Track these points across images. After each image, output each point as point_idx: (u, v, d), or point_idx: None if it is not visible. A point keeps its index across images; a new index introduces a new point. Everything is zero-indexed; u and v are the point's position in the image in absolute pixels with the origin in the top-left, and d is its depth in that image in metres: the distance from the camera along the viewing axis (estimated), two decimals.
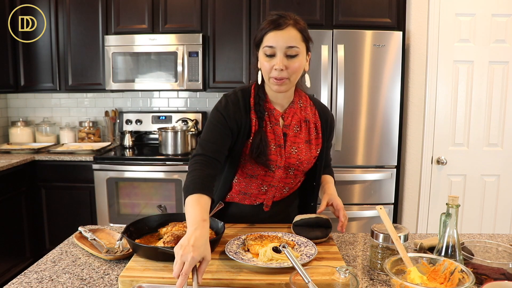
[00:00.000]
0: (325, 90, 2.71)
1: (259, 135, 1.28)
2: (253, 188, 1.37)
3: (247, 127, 1.29)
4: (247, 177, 1.35)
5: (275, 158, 1.30)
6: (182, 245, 0.93)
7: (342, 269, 0.90)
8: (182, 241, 0.95)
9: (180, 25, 3.03)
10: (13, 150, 3.07)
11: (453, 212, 1.01)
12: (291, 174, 1.36)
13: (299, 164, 1.34)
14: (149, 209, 2.89)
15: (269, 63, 1.22)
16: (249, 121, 1.30)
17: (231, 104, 1.29)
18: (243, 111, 1.29)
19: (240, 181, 1.37)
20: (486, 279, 0.98)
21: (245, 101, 1.31)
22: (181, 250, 0.91)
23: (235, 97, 1.31)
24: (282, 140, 1.31)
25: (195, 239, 0.94)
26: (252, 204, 1.41)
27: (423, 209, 2.89)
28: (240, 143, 1.29)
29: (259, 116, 1.30)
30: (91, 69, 3.12)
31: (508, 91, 2.76)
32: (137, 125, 3.39)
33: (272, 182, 1.35)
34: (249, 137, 1.29)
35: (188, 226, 1.01)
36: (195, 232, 0.97)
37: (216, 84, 3.08)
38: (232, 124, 1.27)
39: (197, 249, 0.92)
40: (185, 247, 0.92)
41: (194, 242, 0.93)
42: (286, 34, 1.19)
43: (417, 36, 2.78)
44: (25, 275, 1.07)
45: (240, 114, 1.28)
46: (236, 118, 1.28)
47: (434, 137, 2.83)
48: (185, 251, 0.91)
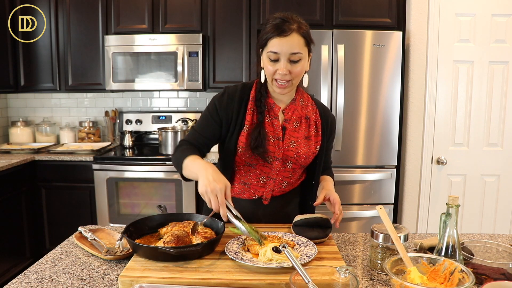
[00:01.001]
0: (325, 90, 2.71)
1: (257, 128, 1.33)
2: (252, 178, 1.40)
3: (240, 118, 1.35)
4: (246, 165, 1.39)
5: (273, 150, 1.34)
6: (205, 184, 1.09)
7: (342, 269, 0.90)
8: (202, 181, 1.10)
9: (180, 25, 3.04)
10: (13, 150, 3.07)
11: (453, 212, 1.01)
12: (289, 168, 1.38)
13: (297, 158, 1.36)
14: (149, 209, 2.89)
15: (273, 67, 1.27)
16: (244, 111, 1.35)
17: (227, 95, 1.37)
18: (238, 102, 1.36)
19: (239, 168, 1.41)
20: (486, 279, 0.98)
21: (243, 93, 1.37)
22: (208, 187, 1.07)
23: (233, 88, 1.38)
24: (280, 133, 1.36)
25: (212, 174, 1.11)
26: (251, 198, 1.42)
27: (423, 209, 2.89)
28: (235, 132, 1.35)
29: (258, 110, 1.35)
30: (91, 69, 3.12)
31: (508, 91, 2.76)
32: (137, 125, 3.39)
33: (270, 174, 1.38)
34: (243, 126, 1.35)
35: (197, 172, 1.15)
36: (207, 170, 1.12)
37: (216, 84, 3.08)
38: (222, 114, 1.36)
39: (219, 180, 1.10)
40: (209, 184, 1.08)
41: (213, 177, 1.10)
42: (290, 41, 1.24)
43: (417, 36, 2.78)
44: (25, 275, 1.07)
45: (233, 105, 1.35)
46: (228, 108, 1.35)
47: (434, 137, 2.83)
48: (211, 187, 1.07)
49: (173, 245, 1.08)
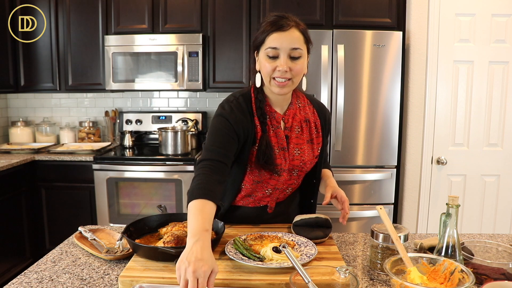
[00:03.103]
0: (325, 90, 2.71)
1: (264, 140, 1.26)
2: (258, 191, 1.37)
3: (252, 133, 1.26)
4: (254, 183, 1.34)
5: (280, 162, 1.29)
6: (189, 261, 0.87)
7: (342, 269, 0.90)
8: (187, 256, 0.89)
9: (180, 25, 3.03)
10: (13, 150, 3.07)
11: (453, 212, 1.01)
12: (295, 176, 1.36)
13: (303, 166, 1.33)
14: (149, 209, 2.89)
15: (272, 65, 1.20)
16: (254, 127, 1.27)
17: (236, 110, 1.25)
18: (248, 117, 1.26)
19: (247, 187, 1.36)
20: (486, 279, 0.98)
21: (247, 107, 1.28)
22: (191, 265, 0.86)
23: (237, 102, 1.27)
24: (285, 143, 1.30)
25: (201, 252, 0.90)
26: (256, 206, 1.41)
27: (423, 209, 2.89)
28: (247, 150, 1.27)
29: (261, 120, 1.28)
30: (91, 69, 3.12)
31: (508, 91, 2.76)
32: (137, 125, 3.39)
33: (277, 185, 1.34)
34: (255, 143, 1.27)
35: (188, 236, 0.95)
36: (197, 244, 0.92)
37: (216, 84, 3.08)
38: (239, 130, 1.23)
39: (207, 262, 0.88)
40: (194, 262, 0.86)
41: (201, 256, 0.89)
42: (290, 35, 1.18)
43: (417, 36, 2.78)
44: (25, 275, 1.07)
45: (246, 120, 1.25)
46: (243, 125, 1.24)
47: (434, 137, 2.83)
48: (196, 267, 0.86)
49: (173, 245, 1.09)
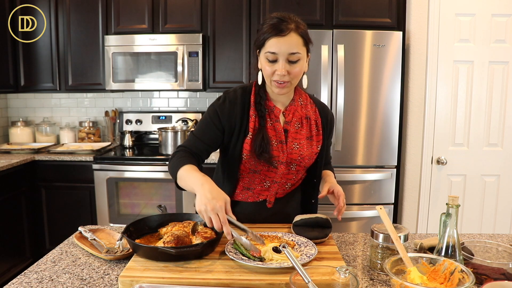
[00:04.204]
0: (325, 90, 2.71)
1: (260, 133, 1.30)
2: (256, 183, 1.39)
3: (244, 124, 1.31)
4: (250, 172, 1.37)
5: (277, 154, 1.32)
6: (204, 203, 1.04)
7: (342, 269, 0.90)
8: (201, 200, 1.05)
9: (180, 25, 3.03)
10: (13, 150, 3.07)
11: (453, 212, 1.01)
12: (293, 170, 1.38)
13: (301, 160, 1.35)
14: (149, 209, 2.89)
15: (271, 68, 1.24)
16: (247, 117, 1.32)
17: (228, 102, 1.32)
18: (240, 108, 1.32)
19: (244, 176, 1.39)
20: (486, 279, 0.98)
21: (244, 99, 1.33)
22: (208, 205, 1.03)
23: (233, 94, 1.34)
24: (283, 136, 1.33)
25: (210, 192, 1.06)
26: (255, 201, 1.41)
27: (423, 209, 2.89)
28: (240, 140, 1.32)
29: (259, 114, 1.32)
30: (91, 69, 3.12)
31: (508, 91, 2.76)
32: (137, 125, 3.39)
33: (275, 178, 1.36)
34: (247, 133, 1.31)
35: (193, 186, 1.12)
36: (204, 186, 1.08)
37: (216, 84, 3.08)
38: (225, 121, 1.31)
39: (219, 197, 1.06)
40: (208, 202, 1.04)
41: (211, 194, 1.06)
42: (288, 41, 1.20)
43: (417, 36, 2.78)
44: (25, 275, 1.07)
45: (235, 112, 1.31)
46: (231, 116, 1.31)
47: (434, 137, 2.83)
48: (211, 205, 1.03)
49: (173, 245, 1.08)
